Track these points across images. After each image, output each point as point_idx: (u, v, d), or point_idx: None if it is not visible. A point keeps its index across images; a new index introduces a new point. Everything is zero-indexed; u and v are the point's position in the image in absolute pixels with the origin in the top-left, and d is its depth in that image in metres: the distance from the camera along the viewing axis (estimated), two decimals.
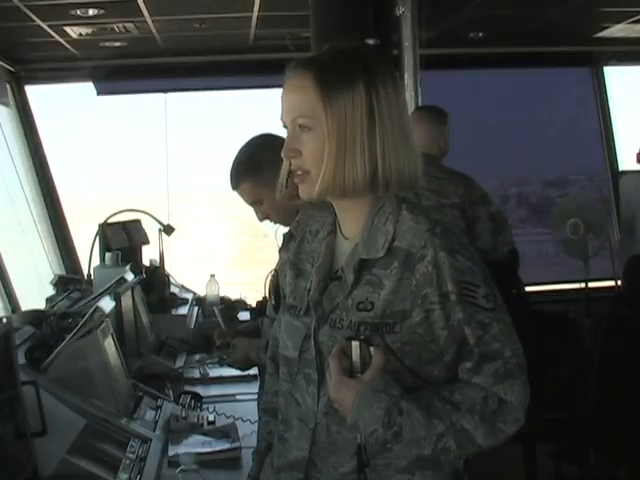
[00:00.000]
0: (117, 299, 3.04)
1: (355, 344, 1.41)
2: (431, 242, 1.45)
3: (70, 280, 4.15)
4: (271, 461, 1.65)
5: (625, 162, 6.30)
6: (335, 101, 1.46)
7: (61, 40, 5.06)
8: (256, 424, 2.32)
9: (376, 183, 1.47)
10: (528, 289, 5.01)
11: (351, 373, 1.41)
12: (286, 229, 2.54)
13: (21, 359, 2.26)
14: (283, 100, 1.53)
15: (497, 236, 3.70)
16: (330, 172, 1.46)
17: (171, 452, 2.30)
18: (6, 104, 5.44)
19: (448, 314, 1.43)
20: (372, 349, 1.41)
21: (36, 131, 5.71)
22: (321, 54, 1.53)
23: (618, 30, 5.60)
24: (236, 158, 2.61)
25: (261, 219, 2.61)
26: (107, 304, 2.95)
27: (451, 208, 3.61)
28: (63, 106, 6.32)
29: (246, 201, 2.61)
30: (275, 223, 2.59)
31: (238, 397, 2.97)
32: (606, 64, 6.37)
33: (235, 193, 2.62)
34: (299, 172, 1.51)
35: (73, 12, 4.40)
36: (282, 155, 1.52)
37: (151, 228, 4.54)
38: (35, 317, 2.79)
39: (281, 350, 1.61)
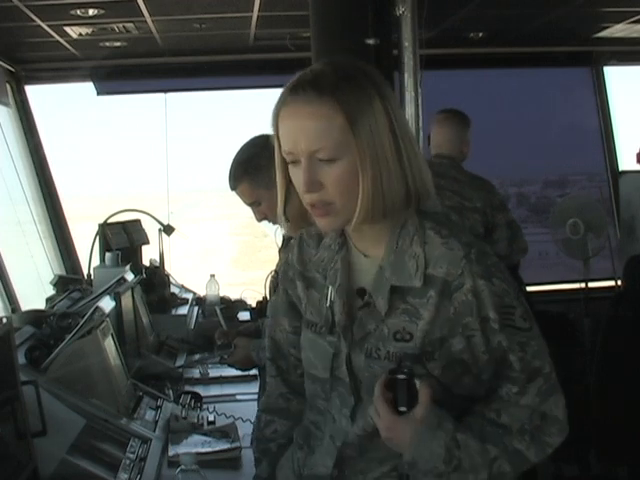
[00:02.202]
0: (117, 299, 3.04)
1: (401, 379, 1.39)
2: (468, 270, 1.41)
3: (70, 280, 4.15)
4: (293, 466, 1.62)
5: (625, 162, 6.29)
6: (361, 124, 1.37)
7: (61, 40, 5.06)
8: None
9: (409, 198, 1.43)
10: (528, 289, 5.01)
11: (395, 406, 1.39)
12: None
13: (21, 359, 2.26)
14: (291, 129, 1.40)
15: (512, 243, 3.72)
16: (369, 198, 1.38)
17: (171, 452, 2.30)
18: (6, 104, 5.44)
19: (488, 338, 1.43)
20: (417, 381, 1.40)
21: (36, 131, 5.71)
22: (323, 73, 1.41)
23: (618, 30, 5.60)
24: (235, 158, 2.61)
25: (259, 220, 2.61)
26: (107, 304, 2.95)
27: (472, 212, 3.63)
28: (63, 106, 6.32)
29: (244, 202, 2.61)
30: (274, 224, 2.59)
31: (238, 397, 2.97)
32: (606, 64, 6.36)
33: (235, 193, 2.62)
34: (321, 206, 1.41)
35: (73, 12, 4.40)
36: (301, 191, 1.41)
37: (151, 228, 4.54)
38: (35, 317, 2.79)
39: (308, 368, 1.58)
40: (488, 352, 1.43)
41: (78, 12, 4.40)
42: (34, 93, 5.81)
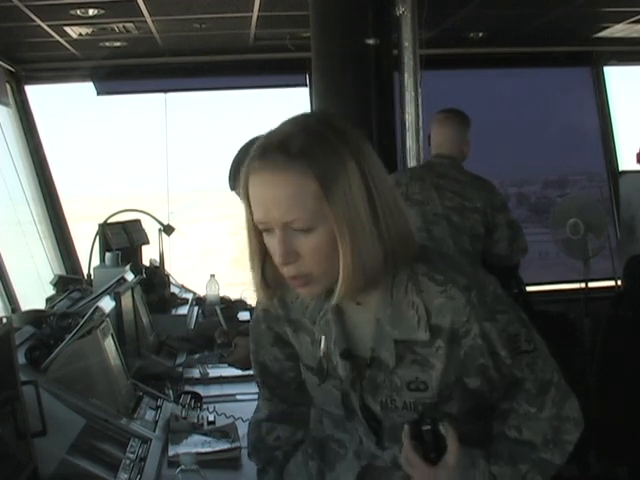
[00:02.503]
0: (117, 299, 3.03)
1: (426, 430, 1.40)
2: (474, 316, 1.37)
3: (70, 280, 4.15)
4: (307, 476, 1.62)
5: (625, 162, 6.30)
6: (335, 190, 1.27)
7: (61, 40, 5.06)
8: None
9: (387, 262, 1.34)
10: (528, 289, 5.01)
11: (424, 454, 1.41)
12: None
13: (21, 359, 2.26)
14: (263, 199, 1.30)
15: (513, 243, 3.72)
16: (349, 270, 1.30)
17: (171, 452, 2.30)
18: (6, 104, 5.44)
19: (500, 368, 1.42)
20: (441, 427, 1.41)
21: (36, 131, 5.71)
22: (292, 135, 1.30)
23: (618, 30, 5.60)
24: (234, 158, 2.61)
25: None
26: (107, 304, 2.95)
27: (473, 212, 3.63)
28: (63, 106, 6.32)
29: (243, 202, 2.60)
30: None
31: (238, 397, 2.97)
32: (606, 64, 6.37)
33: (234, 193, 2.62)
34: (298, 277, 1.33)
35: (73, 12, 4.40)
36: (278, 263, 1.33)
37: (151, 228, 4.54)
38: (35, 317, 2.79)
39: (322, 406, 1.57)
40: (500, 377, 1.44)
41: (78, 12, 4.41)
42: (34, 93, 5.81)
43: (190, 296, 4.62)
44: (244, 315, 4.16)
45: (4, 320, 2.71)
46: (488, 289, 1.40)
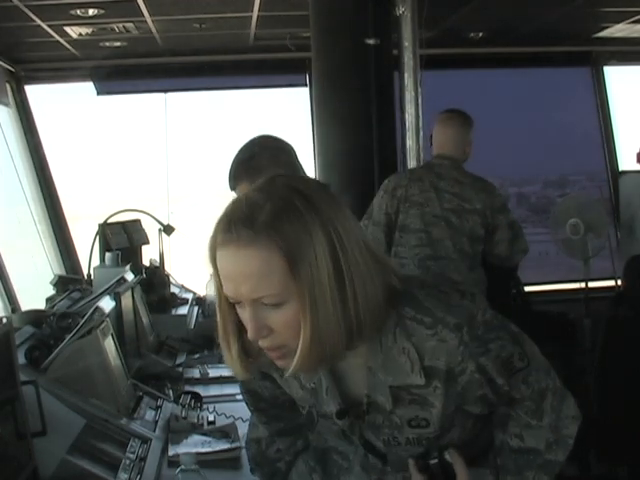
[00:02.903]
0: (117, 299, 3.03)
1: (434, 464, 1.42)
2: (468, 355, 1.35)
3: (70, 280, 4.15)
4: None
5: (625, 162, 6.30)
6: (301, 264, 1.22)
7: (61, 40, 5.06)
8: None
9: (352, 335, 1.28)
10: (528, 289, 5.01)
11: None
12: None
13: (21, 359, 2.26)
14: (230, 274, 1.25)
15: (513, 244, 3.72)
16: (307, 347, 1.25)
17: (171, 452, 2.30)
18: (6, 104, 5.44)
19: (499, 392, 1.42)
20: (447, 456, 1.42)
21: (36, 131, 5.72)
22: (257, 207, 1.24)
23: (618, 30, 5.61)
24: (235, 158, 2.61)
25: None
26: (107, 304, 2.95)
27: (472, 214, 3.63)
28: (63, 106, 6.31)
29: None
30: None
31: (238, 397, 2.95)
32: (606, 64, 6.37)
33: (234, 193, 2.62)
34: (275, 350, 1.29)
35: (73, 12, 4.40)
36: (250, 338, 1.28)
37: (151, 228, 4.54)
38: (35, 317, 2.79)
39: (322, 433, 1.57)
40: (497, 397, 1.44)
41: (78, 12, 4.41)
42: (34, 93, 5.82)
43: (190, 296, 4.62)
44: None
45: (4, 320, 2.71)
46: (477, 320, 1.36)
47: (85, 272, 4.22)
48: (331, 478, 1.60)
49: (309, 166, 4.94)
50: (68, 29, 4.79)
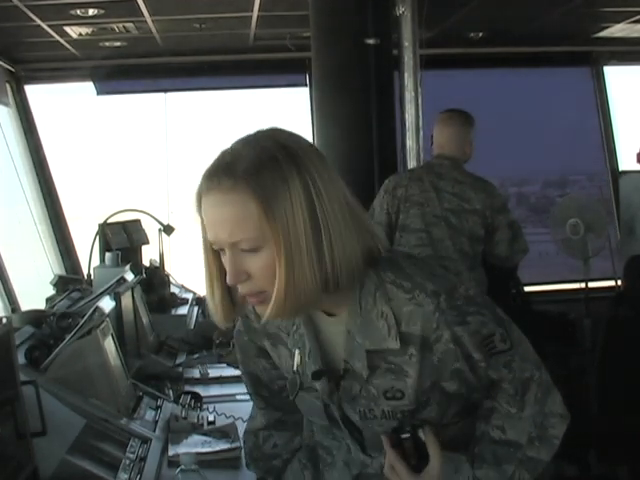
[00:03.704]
0: (117, 299, 3.03)
1: (406, 438, 1.41)
2: (443, 321, 1.36)
3: (70, 280, 4.15)
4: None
5: (625, 162, 6.30)
6: (277, 212, 1.27)
7: (61, 40, 5.06)
8: None
9: (328, 286, 1.32)
10: (528, 289, 5.01)
11: (407, 460, 1.41)
12: None
13: (21, 359, 2.26)
14: (211, 219, 1.32)
15: (513, 244, 3.72)
16: (281, 293, 1.29)
17: (171, 452, 2.30)
18: (6, 104, 5.44)
19: (477, 370, 1.42)
20: (421, 433, 1.41)
21: (36, 131, 5.72)
22: (240, 156, 1.30)
23: (618, 30, 5.61)
24: None
25: None
26: (107, 304, 2.95)
27: (472, 214, 3.63)
28: (63, 106, 6.31)
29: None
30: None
31: (238, 397, 2.96)
32: (606, 64, 6.37)
33: None
34: (253, 295, 1.33)
35: (73, 12, 4.40)
36: (229, 283, 1.33)
37: (151, 228, 4.54)
38: (35, 317, 2.79)
39: (307, 415, 1.58)
40: (478, 379, 1.43)
41: (78, 12, 4.41)
42: (34, 93, 5.82)
43: (190, 296, 4.62)
44: None
45: (4, 320, 2.71)
46: (458, 291, 1.39)
47: (85, 272, 4.22)
48: (319, 474, 1.60)
49: None
50: (68, 29, 4.79)
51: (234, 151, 1.32)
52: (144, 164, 6.57)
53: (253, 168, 1.28)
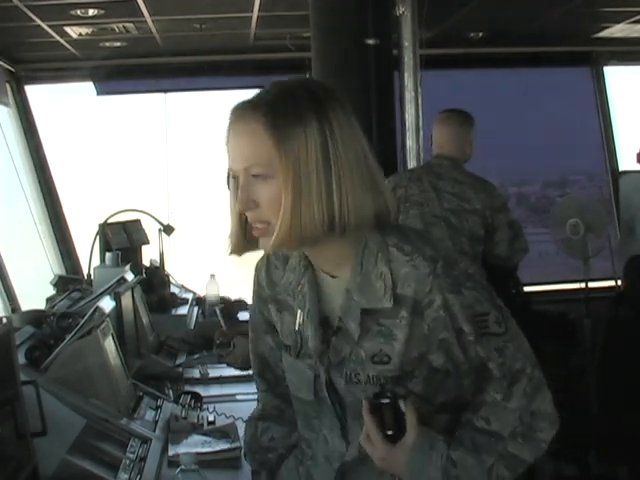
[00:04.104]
0: (117, 299, 3.03)
1: (385, 404, 1.40)
2: (437, 286, 1.39)
3: (70, 280, 4.15)
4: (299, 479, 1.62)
5: (625, 162, 6.30)
6: (289, 144, 1.35)
7: (61, 40, 5.06)
8: None
9: (333, 227, 1.37)
10: (528, 289, 5.01)
11: (384, 430, 1.40)
12: None
13: (21, 359, 2.26)
14: (231, 147, 1.41)
15: (514, 244, 3.72)
16: (287, 223, 1.35)
17: (171, 452, 2.30)
18: (6, 104, 5.44)
19: (466, 349, 1.42)
20: (401, 403, 1.40)
21: (36, 131, 5.71)
22: (267, 92, 1.41)
23: (618, 30, 5.60)
24: None
25: None
26: (107, 304, 2.95)
27: (471, 214, 3.63)
28: (63, 106, 6.31)
29: None
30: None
31: (238, 397, 2.97)
32: (606, 64, 6.37)
33: None
34: (258, 224, 1.40)
35: (73, 12, 4.40)
36: (238, 208, 1.41)
37: (151, 228, 4.54)
38: (35, 317, 2.79)
39: (294, 392, 1.57)
40: (468, 362, 1.43)
41: (78, 12, 4.41)
42: (34, 93, 5.81)
43: (190, 296, 4.62)
44: (244, 315, 4.16)
45: (4, 320, 2.71)
46: (458, 265, 1.42)
47: (85, 272, 4.22)
48: (307, 472, 1.59)
49: None
50: (68, 29, 4.79)
51: (264, 89, 1.43)
52: (144, 164, 6.57)
53: (274, 102, 1.37)
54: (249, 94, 1.41)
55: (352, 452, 1.49)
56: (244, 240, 1.46)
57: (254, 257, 1.58)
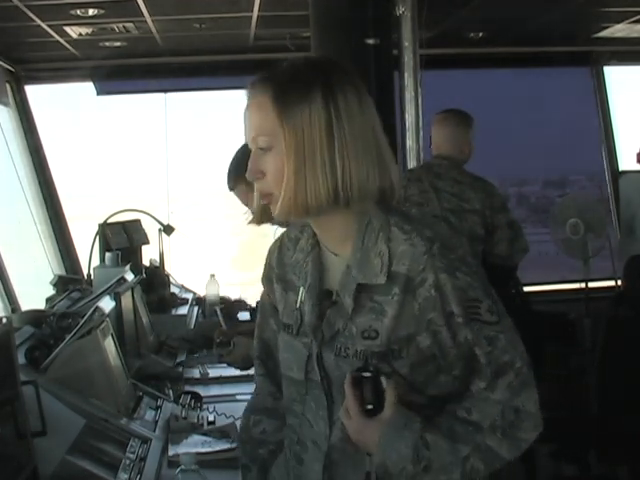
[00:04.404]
0: (117, 299, 3.04)
1: (366, 377, 1.40)
2: (430, 265, 1.41)
3: (70, 280, 4.15)
4: (287, 473, 1.61)
5: (625, 162, 6.30)
6: (292, 117, 1.40)
7: (61, 40, 5.06)
8: None
9: (338, 199, 1.41)
10: (528, 289, 5.01)
11: (363, 404, 1.40)
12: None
13: (21, 359, 2.26)
14: (245, 118, 1.48)
15: (514, 243, 3.72)
16: (291, 192, 1.41)
17: (171, 452, 2.30)
18: (6, 104, 5.44)
19: (455, 333, 1.42)
20: (383, 379, 1.41)
21: (36, 131, 5.71)
22: (278, 68, 1.47)
23: (618, 30, 5.60)
24: (234, 159, 2.61)
25: None
26: (107, 304, 2.95)
27: (471, 214, 3.63)
28: (63, 106, 6.32)
29: (242, 202, 2.60)
30: (272, 224, 2.58)
31: (238, 397, 2.97)
32: (606, 64, 6.37)
33: (233, 194, 2.62)
34: (265, 194, 1.47)
35: (73, 12, 4.40)
36: (248, 177, 1.48)
37: (151, 228, 4.54)
38: (35, 317, 2.79)
39: (285, 371, 1.58)
40: (456, 347, 1.43)
41: (78, 12, 4.40)
42: (34, 93, 5.81)
43: (190, 296, 4.62)
44: (244, 315, 4.16)
45: (4, 320, 2.71)
46: (456, 251, 1.44)
47: (85, 272, 4.22)
48: (297, 461, 1.58)
49: None
50: (68, 29, 4.79)
51: (278, 64, 1.48)
52: (144, 164, 6.57)
53: (282, 78, 1.43)
54: None
55: (337, 433, 1.49)
56: (263, 211, 1.51)
57: (254, 258, 1.59)
